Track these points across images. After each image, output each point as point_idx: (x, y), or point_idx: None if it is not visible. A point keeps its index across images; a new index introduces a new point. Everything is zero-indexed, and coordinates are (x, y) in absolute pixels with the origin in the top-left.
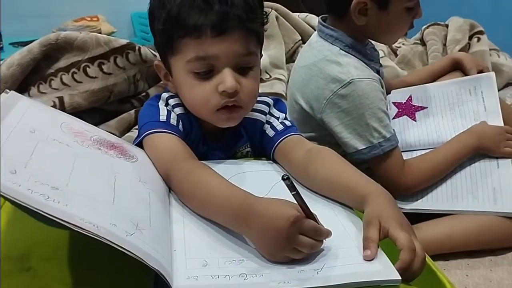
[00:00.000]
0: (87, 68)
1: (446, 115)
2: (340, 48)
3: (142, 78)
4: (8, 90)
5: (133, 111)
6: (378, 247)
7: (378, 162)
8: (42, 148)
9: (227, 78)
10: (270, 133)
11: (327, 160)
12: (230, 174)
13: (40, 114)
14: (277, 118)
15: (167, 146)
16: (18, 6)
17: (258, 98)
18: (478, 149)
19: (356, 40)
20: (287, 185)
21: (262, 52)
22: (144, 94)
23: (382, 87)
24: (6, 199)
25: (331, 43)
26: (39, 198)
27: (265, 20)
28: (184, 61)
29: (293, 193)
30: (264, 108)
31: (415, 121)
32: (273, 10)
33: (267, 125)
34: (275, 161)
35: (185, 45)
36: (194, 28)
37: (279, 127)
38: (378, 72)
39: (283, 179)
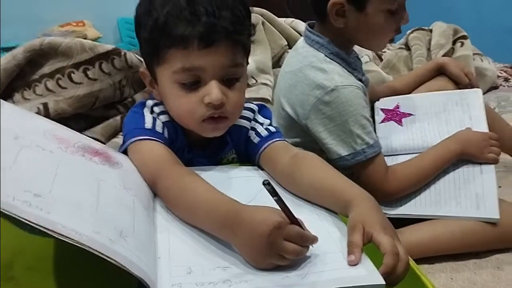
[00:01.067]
0: (72, 74)
1: (432, 121)
2: (325, 55)
3: (128, 84)
4: None
5: (118, 117)
6: (362, 252)
7: (361, 169)
8: (25, 155)
9: (213, 90)
10: (255, 139)
11: (312, 165)
12: (215, 180)
13: (23, 120)
14: (262, 124)
15: (153, 153)
16: (3, 10)
17: (244, 106)
18: (462, 154)
19: (341, 48)
20: (268, 190)
21: (248, 58)
22: (130, 99)
23: (365, 94)
24: None
25: (317, 49)
26: (22, 205)
27: (253, 32)
28: (170, 71)
29: (274, 198)
30: (249, 114)
31: (401, 125)
32: (259, 16)
33: (251, 131)
34: (260, 167)
35: (171, 56)
36: (181, 39)
37: (264, 133)
38: (360, 80)
39: (263, 184)
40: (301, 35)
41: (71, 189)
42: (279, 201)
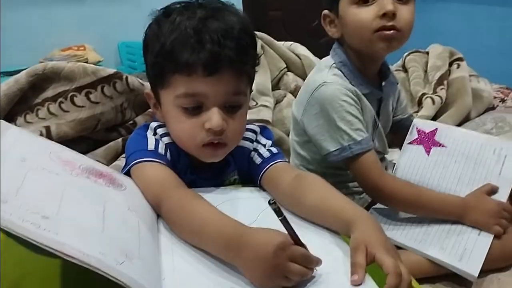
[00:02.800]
0: (74, 98)
1: (460, 162)
2: (335, 62)
3: (130, 107)
4: None
5: (120, 139)
6: (366, 272)
7: (351, 165)
8: (32, 177)
9: (214, 117)
10: (257, 160)
11: (314, 186)
12: (218, 201)
13: (30, 143)
14: (264, 146)
15: (156, 175)
16: (5, 35)
17: (246, 127)
18: (462, 220)
19: (356, 61)
20: (274, 210)
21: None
22: (131, 122)
23: (360, 100)
24: None
25: (331, 57)
26: (31, 227)
27: (258, 62)
28: (173, 95)
29: (280, 218)
30: (251, 135)
31: (428, 155)
32: (258, 39)
33: (254, 152)
34: (262, 188)
35: (175, 80)
36: (185, 65)
37: (266, 154)
38: (365, 95)
39: (269, 203)
40: (300, 58)
41: (77, 211)
42: (284, 221)
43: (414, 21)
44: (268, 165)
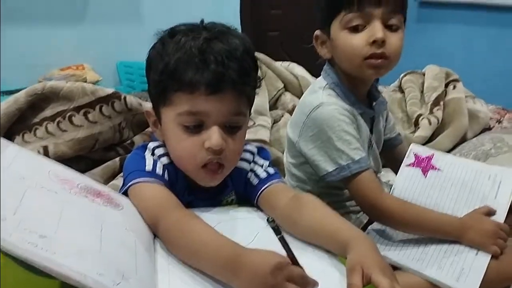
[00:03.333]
0: (73, 117)
1: (457, 185)
2: (328, 83)
3: (128, 126)
4: None
5: (118, 158)
6: None
7: (349, 184)
8: (31, 195)
9: (214, 136)
10: (254, 181)
11: (310, 206)
12: (215, 221)
13: (28, 161)
14: (261, 166)
15: (154, 195)
16: (4, 55)
17: (243, 148)
18: (460, 240)
19: (347, 83)
20: (273, 228)
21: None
22: (129, 141)
23: (356, 120)
24: None
25: (324, 78)
26: (28, 246)
27: (258, 85)
28: (175, 113)
29: (278, 236)
30: (249, 156)
31: (425, 177)
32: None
33: (251, 173)
34: (259, 208)
35: (178, 98)
36: (189, 84)
37: (263, 175)
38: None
39: (268, 221)
40: (297, 78)
41: (75, 230)
42: (282, 239)
43: (402, 48)
44: (265, 186)
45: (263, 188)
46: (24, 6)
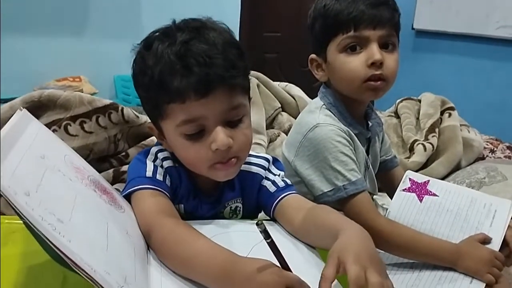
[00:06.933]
0: (68, 126)
1: (452, 210)
2: (324, 103)
3: (123, 138)
4: (22, 108)
5: (111, 170)
6: (332, 284)
7: (345, 206)
8: (49, 177)
9: (218, 137)
10: (271, 188)
11: (324, 211)
12: (212, 233)
13: (48, 141)
14: (278, 175)
15: (150, 204)
16: (3, 63)
17: (258, 154)
18: (455, 266)
19: (345, 104)
20: (261, 232)
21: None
22: (123, 154)
23: (353, 141)
24: (20, 218)
25: (320, 98)
26: (48, 227)
27: (248, 71)
28: (173, 125)
29: (268, 240)
30: (264, 163)
31: (421, 202)
32: (254, 78)
33: (267, 180)
34: (273, 219)
35: (171, 110)
36: (177, 94)
37: (281, 183)
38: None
39: (257, 224)
40: (294, 99)
41: (86, 222)
42: (272, 244)
43: (398, 69)
44: (284, 194)
45: (282, 196)
46: (28, 16)
